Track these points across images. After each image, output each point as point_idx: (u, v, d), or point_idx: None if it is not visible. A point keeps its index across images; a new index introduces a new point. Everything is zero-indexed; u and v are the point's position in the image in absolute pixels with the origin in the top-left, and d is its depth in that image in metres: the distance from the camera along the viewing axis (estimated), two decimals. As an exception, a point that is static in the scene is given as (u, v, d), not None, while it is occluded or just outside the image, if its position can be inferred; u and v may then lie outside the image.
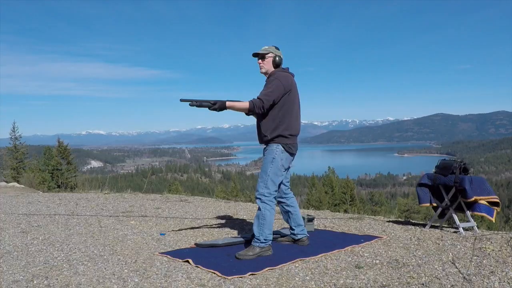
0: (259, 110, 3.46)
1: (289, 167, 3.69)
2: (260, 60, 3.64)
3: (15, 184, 12.99)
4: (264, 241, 3.43)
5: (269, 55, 3.62)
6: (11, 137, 22.78)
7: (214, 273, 2.95)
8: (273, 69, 3.64)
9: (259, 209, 3.49)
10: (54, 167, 19.63)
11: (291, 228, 3.80)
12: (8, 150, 22.39)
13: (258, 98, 3.46)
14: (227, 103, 3.45)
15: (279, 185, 3.64)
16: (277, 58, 3.61)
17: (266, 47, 3.65)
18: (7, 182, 14.69)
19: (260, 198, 3.47)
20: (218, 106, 3.44)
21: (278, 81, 3.49)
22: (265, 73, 3.66)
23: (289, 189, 3.81)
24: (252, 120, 3.70)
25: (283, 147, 3.53)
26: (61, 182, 16.42)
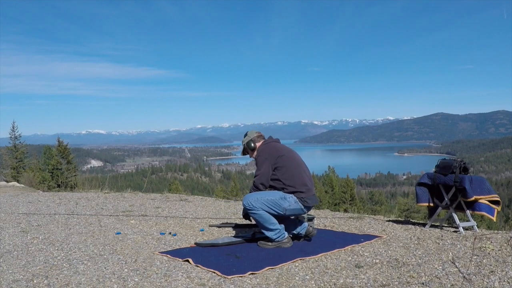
0: (263, 188, 3.70)
1: (292, 217, 3.85)
2: (249, 154, 3.98)
3: (15, 183, 13.00)
4: (275, 236, 3.60)
5: (244, 147, 3.97)
6: (10, 137, 22.77)
7: (214, 272, 2.95)
8: (256, 151, 3.90)
9: (250, 215, 3.70)
10: (54, 167, 19.64)
11: (293, 231, 3.85)
12: (8, 150, 22.39)
13: (253, 183, 3.76)
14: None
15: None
16: (249, 144, 3.91)
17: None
18: (7, 181, 14.70)
19: (246, 206, 3.66)
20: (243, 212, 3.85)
21: (261, 157, 3.73)
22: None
23: None
24: (252, 120, 3.79)
25: (299, 200, 3.66)
26: (61, 182, 16.43)
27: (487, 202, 3.85)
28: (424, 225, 4.32)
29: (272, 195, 3.64)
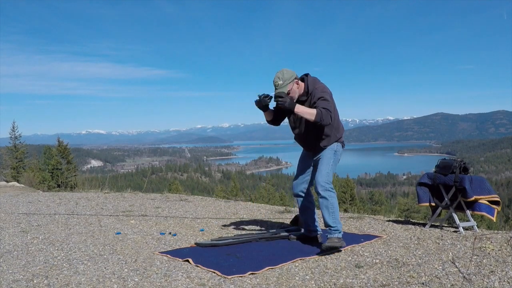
0: (327, 122, 3.32)
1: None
2: (288, 94, 3.42)
3: (15, 183, 13.00)
4: (341, 230, 3.48)
5: (291, 86, 3.41)
6: (10, 137, 22.77)
7: (214, 272, 2.95)
8: (302, 90, 3.49)
9: (324, 198, 3.43)
10: (54, 167, 19.64)
11: (307, 225, 3.82)
12: (8, 150, 22.38)
13: (325, 108, 3.30)
14: (297, 106, 3.31)
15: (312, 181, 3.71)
16: (298, 81, 3.45)
17: (279, 82, 3.37)
18: (7, 181, 14.69)
19: (325, 187, 3.43)
20: (288, 103, 3.29)
21: (327, 94, 3.39)
22: (300, 94, 3.50)
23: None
24: (252, 120, 3.70)
25: (341, 144, 3.64)
26: (61, 182, 16.43)
27: (487, 202, 3.85)
28: (424, 225, 4.31)
29: (329, 158, 3.52)
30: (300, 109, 3.32)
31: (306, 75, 3.55)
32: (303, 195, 3.78)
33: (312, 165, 3.73)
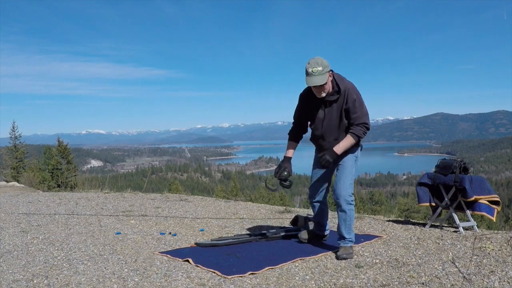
0: (365, 134, 3.31)
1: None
2: (325, 85, 3.22)
3: (15, 183, 13.00)
4: (353, 238, 3.43)
5: (327, 76, 3.20)
6: (10, 137, 22.76)
7: (214, 272, 2.95)
8: (331, 87, 3.28)
9: (344, 212, 3.35)
10: (54, 167, 19.64)
11: (319, 225, 3.82)
12: (8, 150, 22.38)
13: (357, 125, 3.26)
14: (336, 150, 3.28)
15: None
16: (332, 74, 3.27)
17: (318, 68, 3.14)
18: (7, 181, 14.69)
19: (347, 200, 3.34)
20: (330, 156, 3.27)
21: (360, 97, 3.29)
22: (328, 92, 3.30)
23: None
24: (252, 120, 3.67)
25: (360, 148, 3.51)
26: (61, 182, 16.43)
27: (487, 202, 3.85)
28: (424, 225, 4.32)
29: (351, 166, 3.40)
30: (341, 148, 3.29)
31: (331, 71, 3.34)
32: (322, 200, 3.72)
33: (329, 170, 3.58)
